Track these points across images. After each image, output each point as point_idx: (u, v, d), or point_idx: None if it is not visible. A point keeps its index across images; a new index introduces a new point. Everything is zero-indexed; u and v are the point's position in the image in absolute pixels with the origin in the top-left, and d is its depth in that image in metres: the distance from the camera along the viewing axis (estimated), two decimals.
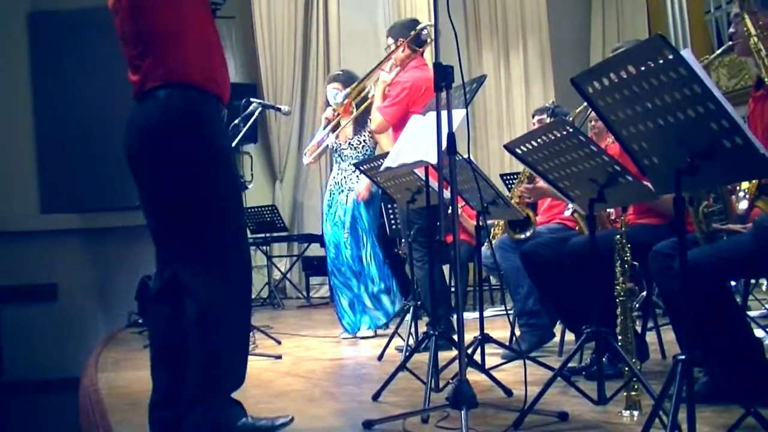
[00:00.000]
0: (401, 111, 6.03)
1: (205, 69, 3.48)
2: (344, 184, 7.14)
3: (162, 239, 3.58)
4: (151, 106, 3.43)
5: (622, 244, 3.82)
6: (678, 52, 2.40)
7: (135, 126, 3.47)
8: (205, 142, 3.43)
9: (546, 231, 5.60)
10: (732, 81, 10.31)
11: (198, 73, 3.45)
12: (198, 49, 3.48)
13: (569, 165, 3.57)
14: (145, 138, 3.44)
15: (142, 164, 3.47)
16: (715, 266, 3.54)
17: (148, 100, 3.45)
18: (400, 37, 6.34)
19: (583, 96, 2.84)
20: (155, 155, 3.42)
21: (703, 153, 2.56)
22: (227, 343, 3.48)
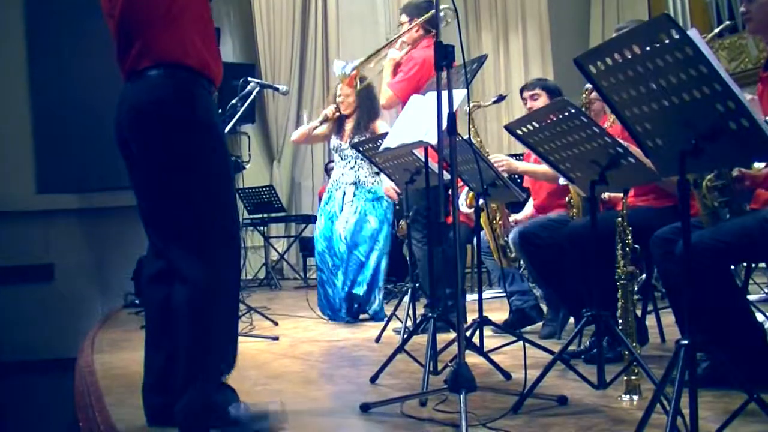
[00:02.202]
0: (412, 86, 5.98)
1: (197, 51, 3.44)
2: (341, 181, 7.13)
3: (152, 219, 3.54)
4: (142, 85, 3.40)
5: (623, 227, 3.79)
6: (684, 31, 2.36)
7: (126, 105, 3.44)
8: (196, 122, 3.39)
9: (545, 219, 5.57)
10: (732, 64, 10.27)
11: (190, 55, 3.42)
12: (190, 31, 3.44)
13: (570, 146, 3.53)
14: (136, 117, 3.40)
15: (133, 143, 3.44)
16: (716, 250, 3.50)
17: (139, 80, 3.42)
18: (415, 16, 6.32)
19: (586, 76, 2.79)
20: (145, 134, 3.38)
21: (708, 135, 2.52)
22: (216, 324, 3.45)
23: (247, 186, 10.73)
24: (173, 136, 3.35)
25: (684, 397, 2.67)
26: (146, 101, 3.38)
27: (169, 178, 3.38)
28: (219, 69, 3.57)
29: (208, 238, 3.40)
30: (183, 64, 3.40)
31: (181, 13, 3.41)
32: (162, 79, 3.38)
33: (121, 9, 3.45)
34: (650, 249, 3.90)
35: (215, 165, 3.45)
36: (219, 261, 3.43)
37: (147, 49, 3.39)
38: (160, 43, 3.38)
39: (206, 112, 3.45)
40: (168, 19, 3.39)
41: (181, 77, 3.39)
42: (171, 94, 3.37)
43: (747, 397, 2.80)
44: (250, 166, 9.07)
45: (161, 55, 3.38)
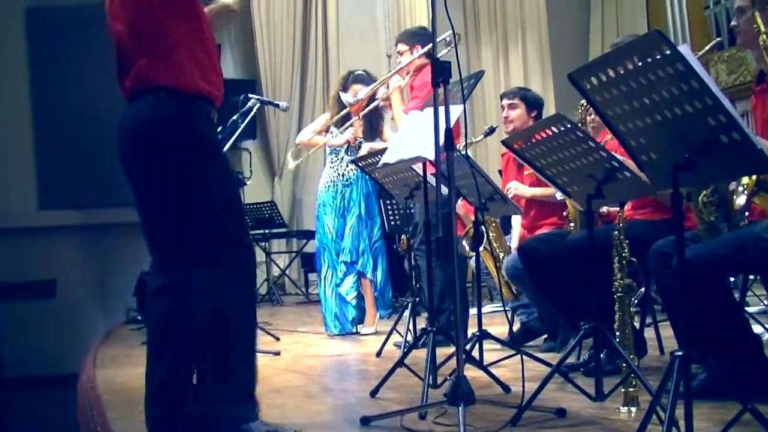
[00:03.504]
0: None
1: (196, 73, 3.47)
2: (351, 177, 7.16)
3: (154, 236, 3.56)
4: (140, 108, 3.44)
5: (619, 240, 3.82)
6: (675, 47, 2.39)
7: (125, 128, 3.48)
8: (193, 141, 3.43)
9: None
10: (731, 76, 10.32)
11: (189, 78, 3.45)
12: (190, 55, 3.47)
13: (568, 161, 3.56)
14: (134, 140, 3.45)
15: (134, 165, 3.48)
16: (713, 264, 3.54)
17: (137, 103, 3.46)
18: (417, 43, 6.39)
19: (580, 91, 2.83)
20: (143, 154, 3.43)
21: (700, 148, 2.56)
22: (235, 339, 3.47)
23: (248, 202, 10.74)
24: (170, 156, 3.38)
25: (680, 409, 2.70)
26: (143, 122, 3.42)
27: (168, 196, 3.42)
28: (219, 91, 3.61)
29: (219, 255, 3.42)
30: (181, 90, 3.43)
31: (176, 43, 3.44)
32: (158, 102, 3.41)
33: (121, 36, 3.49)
34: (648, 262, 3.93)
35: (213, 181, 3.47)
36: (227, 274, 3.45)
37: (144, 75, 3.43)
38: (156, 71, 3.42)
39: (203, 130, 3.48)
40: (163, 48, 3.43)
41: (177, 100, 3.42)
42: (167, 115, 3.41)
43: (742, 407, 2.83)
44: (251, 181, 9.09)
45: (157, 81, 3.42)
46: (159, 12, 3.43)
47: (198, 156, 3.42)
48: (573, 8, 12.87)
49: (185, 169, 3.39)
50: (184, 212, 3.41)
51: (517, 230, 6.09)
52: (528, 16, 11.99)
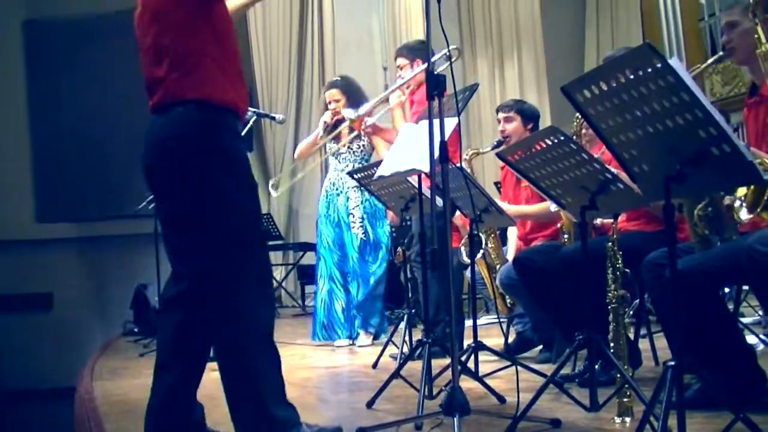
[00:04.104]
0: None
1: (223, 86, 3.51)
2: (342, 186, 7.21)
3: (177, 247, 3.59)
4: (168, 120, 3.47)
5: (613, 251, 3.84)
6: (666, 60, 2.43)
7: (151, 139, 3.51)
8: (218, 155, 3.45)
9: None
10: (726, 88, 10.36)
11: (216, 90, 3.48)
12: (217, 67, 3.51)
13: (561, 172, 3.58)
14: (161, 151, 3.47)
15: (158, 177, 3.51)
16: (706, 275, 3.56)
17: (165, 114, 3.49)
18: (417, 57, 6.42)
19: (573, 104, 2.86)
20: (171, 168, 3.45)
21: (692, 160, 2.59)
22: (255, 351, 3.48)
23: None
24: (195, 168, 3.40)
25: (674, 419, 2.72)
26: (169, 136, 3.44)
27: (191, 206, 3.44)
28: (245, 103, 3.65)
29: (237, 268, 3.44)
30: (209, 102, 3.46)
31: (204, 56, 3.48)
32: (185, 115, 3.44)
33: (151, 45, 3.53)
34: (641, 273, 3.95)
35: (236, 195, 3.48)
36: (248, 284, 3.46)
37: (172, 87, 3.46)
38: (184, 83, 3.45)
39: (229, 144, 3.51)
40: (192, 60, 3.46)
41: (204, 113, 3.45)
42: (194, 128, 3.43)
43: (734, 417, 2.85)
44: None
45: (185, 93, 3.44)
46: (188, 26, 3.47)
47: (222, 169, 3.44)
48: (568, 21, 12.91)
49: (209, 182, 3.41)
50: (204, 222, 3.43)
51: (513, 242, 6.11)
52: (523, 29, 12.02)
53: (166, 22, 3.49)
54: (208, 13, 3.51)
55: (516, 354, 5.57)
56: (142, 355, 7.11)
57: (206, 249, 3.44)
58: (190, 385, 3.56)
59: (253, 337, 3.46)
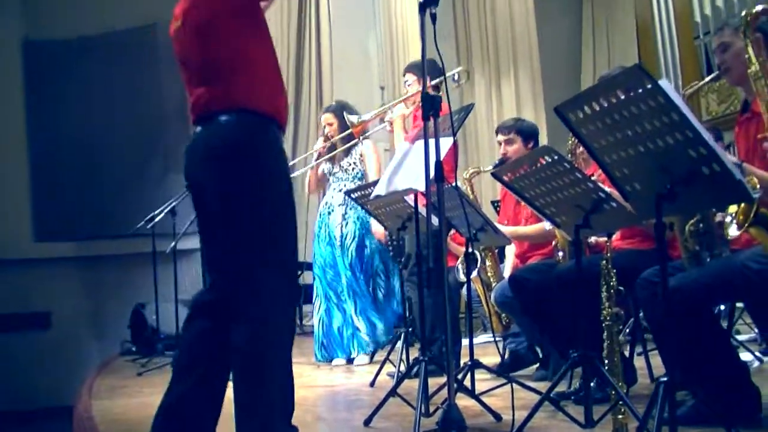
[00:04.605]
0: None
1: (266, 95, 3.56)
2: (333, 204, 7.26)
3: (217, 259, 3.63)
4: (214, 130, 3.51)
5: (607, 269, 3.88)
6: (656, 81, 2.47)
7: (198, 148, 3.56)
8: (265, 167, 3.50)
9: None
10: (721, 106, 10.40)
11: (260, 100, 3.53)
12: (260, 76, 3.57)
13: (556, 191, 3.63)
14: (206, 161, 3.52)
15: (203, 187, 3.56)
16: (699, 292, 3.59)
17: (210, 125, 3.53)
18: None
19: (566, 124, 2.90)
20: (216, 179, 3.49)
21: (682, 179, 2.63)
22: (276, 361, 3.51)
23: None
24: (242, 180, 3.44)
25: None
26: (218, 145, 3.48)
27: (236, 220, 3.47)
28: (285, 111, 3.69)
29: (270, 279, 3.46)
30: (253, 110, 3.51)
31: (252, 62, 3.54)
32: (233, 125, 3.48)
33: (194, 57, 3.57)
34: (636, 291, 3.99)
35: (282, 208, 3.53)
36: (279, 301, 3.50)
37: (219, 95, 3.51)
38: (232, 89, 3.50)
39: (274, 156, 3.56)
40: (240, 67, 3.52)
41: (251, 122, 3.50)
42: (242, 138, 3.48)
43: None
44: None
45: (233, 101, 3.49)
46: (232, 37, 3.52)
47: (265, 179, 3.48)
48: (564, 40, 12.96)
49: (256, 197, 3.46)
50: (243, 232, 3.46)
51: (510, 260, 6.14)
52: (520, 49, 12.04)
53: (209, 34, 3.54)
54: (249, 23, 3.57)
55: (511, 372, 5.59)
56: (140, 374, 7.13)
57: (241, 261, 3.47)
58: (198, 401, 3.56)
59: (274, 356, 3.49)
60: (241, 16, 3.54)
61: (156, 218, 8.05)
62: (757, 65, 3.52)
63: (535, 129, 6.09)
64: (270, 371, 3.45)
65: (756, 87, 3.51)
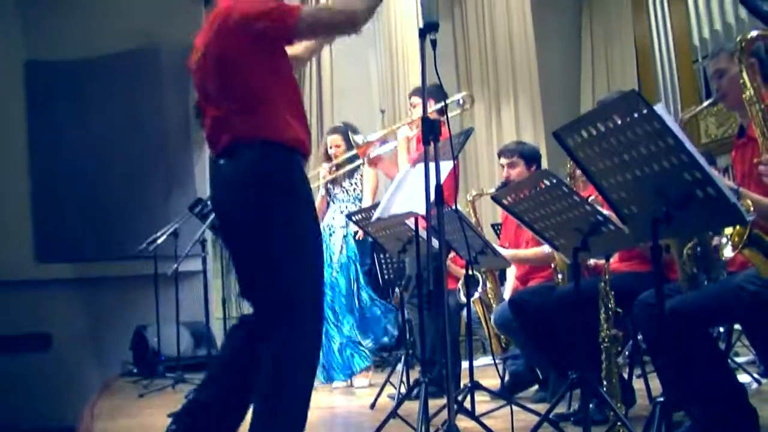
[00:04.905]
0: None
1: (288, 126, 3.63)
2: (335, 226, 7.30)
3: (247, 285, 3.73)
4: (239, 162, 3.58)
5: (605, 292, 3.92)
6: (651, 106, 2.52)
7: (224, 181, 3.66)
8: (289, 197, 3.58)
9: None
10: (720, 129, 10.44)
11: (282, 131, 3.60)
12: (283, 108, 3.64)
13: (554, 215, 3.67)
14: (231, 194, 3.61)
15: (230, 217, 3.65)
16: (696, 314, 3.63)
17: (235, 157, 3.60)
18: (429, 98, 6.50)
19: (564, 148, 2.96)
20: (243, 208, 3.58)
21: (678, 202, 2.68)
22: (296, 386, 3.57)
23: None
24: (270, 211, 3.53)
25: None
26: (242, 178, 3.57)
27: (263, 250, 3.56)
28: (308, 141, 3.76)
29: (296, 304, 3.54)
30: (277, 142, 3.57)
31: (276, 96, 3.62)
32: (257, 157, 3.55)
33: (215, 90, 3.63)
34: (634, 313, 4.02)
35: (307, 237, 3.62)
36: (306, 326, 3.57)
37: (241, 127, 3.58)
38: (251, 123, 3.58)
39: (298, 186, 3.64)
40: (261, 99, 3.60)
41: (276, 154, 3.57)
42: (265, 170, 3.55)
43: None
44: None
45: (255, 133, 3.57)
46: (254, 71, 3.60)
47: (294, 216, 3.58)
48: (563, 64, 13.01)
49: (282, 227, 3.54)
50: (270, 259, 3.55)
51: (510, 282, 6.18)
52: (519, 73, 12.07)
53: (231, 65, 3.61)
54: (271, 59, 3.63)
55: (511, 393, 5.61)
56: (141, 396, 7.15)
57: (270, 285, 3.56)
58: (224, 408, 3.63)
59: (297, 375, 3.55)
60: (262, 52, 3.60)
61: (158, 240, 8.09)
62: (752, 90, 3.57)
63: (538, 152, 6.13)
64: (292, 389, 3.53)
65: (751, 112, 3.56)
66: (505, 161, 5.96)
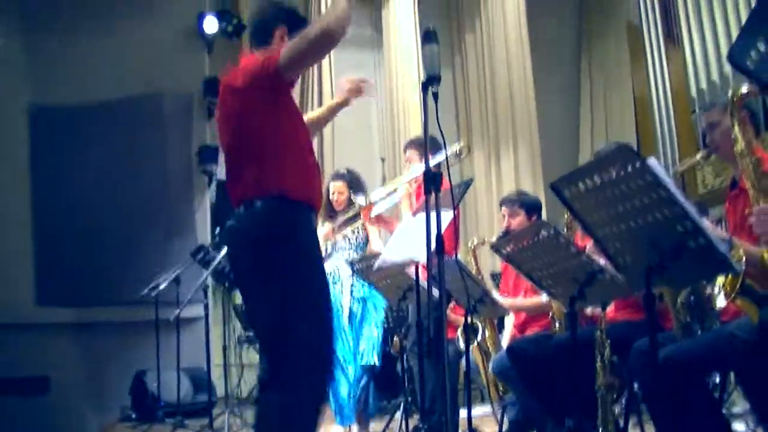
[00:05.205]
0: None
1: (299, 181, 3.77)
2: (337, 275, 7.29)
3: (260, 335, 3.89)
4: (250, 215, 3.73)
5: (602, 340, 3.98)
6: (644, 160, 2.61)
7: (236, 232, 3.79)
8: (297, 251, 3.71)
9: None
10: (717, 179, 10.51)
11: (293, 186, 3.74)
12: (295, 163, 3.78)
13: (552, 264, 3.75)
14: (244, 246, 3.75)
15: (241, 266, 3.78)
16: (690, 362, 3.69)
17: (248, 209, 3.73)
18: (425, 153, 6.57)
19: (561, 200, 3.03)
20: (252, 258, 3.71)
21: (671, 252, 2.76)
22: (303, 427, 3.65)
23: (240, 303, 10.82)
24: (277, 264, 3.65)
25: None
26: (252, 232, 3.71)
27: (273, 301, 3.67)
28: (319, 194, 3.90)
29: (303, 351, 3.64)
30: (286, 195, 3.71)
31: (285, 149, 3.75)
32: (267, 212, 3.70)
33: (228, 144, 3.78)
34: (629, 361, 4.08)
35: (315, 286, 3.74)
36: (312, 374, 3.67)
37: (254, 181, 3.73)
38: (264, 176, 3.72)
39: (308, 239, 3.79)
40: (270, 153, 3.73)
41: (284, 208, 3.71)
42: (274, 225, 3.69)
43: None
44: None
45: (266, 187, 3.71)
46: (262, 123, 3.75)
47: (302, 267, 3.70)
48: (563, 115, 13.10)
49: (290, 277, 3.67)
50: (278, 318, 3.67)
51: (509, 330, 6.23)
52: (519, 124, 12.10)
53: (243, 122, 3.78)
54: (274, 105, 3.77)
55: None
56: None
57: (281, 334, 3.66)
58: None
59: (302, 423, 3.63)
60: (267, 104, 3.73)
61: (160, 286, 8.13)
62: (743, 143, 3.66)
63: (538, 203, 6.20)
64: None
65: (742, 164, 3.65)
66: (506, 210, 6.04)
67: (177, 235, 10.50)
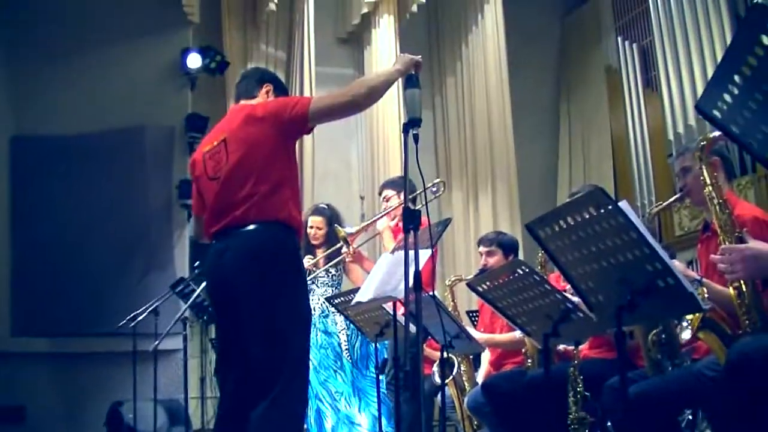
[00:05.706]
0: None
1: (289, 209, 4.00)
2: (327, 309, 7.26)
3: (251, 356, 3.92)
4: (246, 237, 3.92)
5: (574, 376, 4.07)
6: (616, 203, 2.73)
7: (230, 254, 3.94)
8: (297, 272, 3.97)
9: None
10: (693, 222, 10.62)
11: (290, 216, 3.98)
12: (290, 192, 4.03)
13: (526, 302, 3.84)
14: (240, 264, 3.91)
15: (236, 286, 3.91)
16: (660, 399, 3.79)
17: (240, 234, 3.93)
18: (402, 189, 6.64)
19: (536, 240, 3.14)
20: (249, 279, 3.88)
21: (641, 291, 2.87)
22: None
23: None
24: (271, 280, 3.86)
25: None
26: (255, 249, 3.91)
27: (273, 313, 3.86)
28: (301, 221, 4.11)
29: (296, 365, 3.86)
30: (279, 222, 3.93)
31: (286, 180, 4.00)
32: (262, 233, 3.92)
33: (227, 172, 3.98)
34: (602, 398, 4.17)
35: (303, 308, 3.98)
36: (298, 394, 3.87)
37: (252, 208, 3.93)
38: (264, 204, 3.94)
39: (298, 261, 4.06)
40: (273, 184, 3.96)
41: (277, 231, 3.94)
42: (278, 245, 3.93)
43: None
44: None
45: (265, 215, 3.93)
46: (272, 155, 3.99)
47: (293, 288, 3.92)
48: (542, 156, 13.20)
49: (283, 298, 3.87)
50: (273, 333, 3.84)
51: (484, 366, 6.30)
52: (498, 164, 12.14)
53: (254, 151, 3.96)
54: (285, 141, 4.03)
55: None
56: None
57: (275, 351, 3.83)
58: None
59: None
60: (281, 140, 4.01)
61: (139, 317, 8.15)
62: (711, 187, 3.79)
63: (515, 243, 6.33)
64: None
65: (711, 208, 3.77)
66: (484, 249, 6.17)
67: (156, 268, 10.52)
